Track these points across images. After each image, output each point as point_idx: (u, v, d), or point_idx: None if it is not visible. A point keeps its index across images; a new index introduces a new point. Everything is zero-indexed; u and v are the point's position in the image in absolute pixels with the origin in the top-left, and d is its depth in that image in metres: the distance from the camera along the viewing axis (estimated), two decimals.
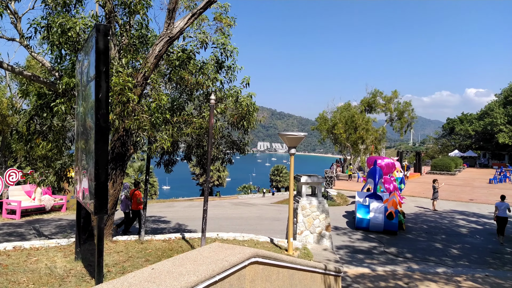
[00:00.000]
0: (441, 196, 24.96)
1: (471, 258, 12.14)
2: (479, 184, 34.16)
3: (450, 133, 67.43)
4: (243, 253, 4.05)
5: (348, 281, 9.47)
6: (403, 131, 43.89)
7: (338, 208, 21.84)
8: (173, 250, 7.60)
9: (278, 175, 77.14)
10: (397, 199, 15.52)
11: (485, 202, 23.50)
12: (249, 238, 9.39)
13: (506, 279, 10.17)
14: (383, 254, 12.18)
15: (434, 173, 42.42)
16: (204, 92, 8.82)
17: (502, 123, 52.63)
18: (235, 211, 23.39)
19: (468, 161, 57.32)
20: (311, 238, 9.94)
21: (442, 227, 16.47)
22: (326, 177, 31.26)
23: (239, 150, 9.91)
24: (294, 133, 8.11)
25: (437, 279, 9.91)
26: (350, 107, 42.62)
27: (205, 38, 8.23)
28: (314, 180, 10.23)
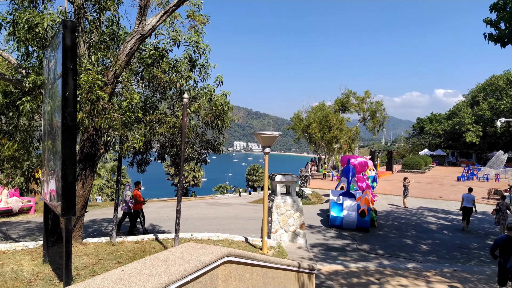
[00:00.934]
0: (412, 194, 25.72)
1: (439, 253, 12.56)
2: (447, 182, 35.39)
3: (420, 132, 69.54)
4: (215, 252, 4.03)
5: (322, 278, 9.60)
6: (375, 131, 44.86)
7: (313, 206, 22.11)
8: (146, 252, 7.48)
9: (254, 175, 77.24)
10: (370, 197, 15.87)
11: (453, 199, 24.37)
12: (224, 237, 9.35)
13: (473, 273, 10.58)
14: (356, 251, 12.42)
15: (405, 172, 43.63)
16: (178, 90, 8.72)
17: (469, 123, 54.74)
18: (210, 211, 23.26)
19: (437, 159, 59.33)
20: (285, 236, 10.01)
21: (412, 224, 16.96)
22: (301, 176, 31.56)
23: (213, 150, 9.85)
24: (268, 132, 8.13)
25: (408, 275, 10.20)
26: (324, 107, 43.19)
27: (178, 35, 8.13)
28: (289, 179, 10.29)
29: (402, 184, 21.60)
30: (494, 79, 56.02)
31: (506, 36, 11.45)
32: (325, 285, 9.12)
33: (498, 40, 11.75)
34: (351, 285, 9.26)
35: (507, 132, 52.34)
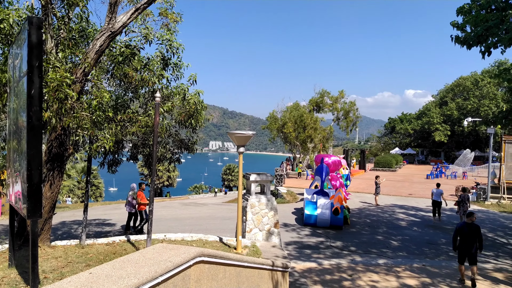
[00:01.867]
0: (383, 192, 26.36)
1: (409, 249, 12.94)
2: (417, 179, 36.49)
3: (392, 131, 71.37)
4: (188, 253, 4.00)
5: (296, 276, 9.70)
6: (349, 130, 45.66)
7: (287, 205, 22.28)
8: (117, 254, 7.33)
9: (230, 174, 77.10)
10: (343, 195, 16.15)
11: (423, 196, 25.17)
12: (198, 238, 9.30)
13: (441, 268, 10.97)
14: (329, 249, 12.61)
15: (377, 170, 44.68)
16: (150, 89, 8.58)
17: (438, 122, 56.62)
18: (185, 212, 23.03)
19: (408, 158, 61.11)
20: (260, 235, 10.05)
21: (384, 221, 17.38)
22: (276, 175, 31.73)
23: (187, 149, 9.76)
24: (242, 132, 8.14)
25: (379, 270, 10.45)
26: (299, 107, 43.59)
27: (150, 33, 8.00)
28: (263, 178, 10.34)
29: (374, 182, 22.10)
30: (462, 80, 58.20)
31: (472, 39, 11.92)
32: (299, 283, 9.23)
33: (464, 42, 12.20)
34: (324, 282, 9.40)
35: (473, 132, 54.52)
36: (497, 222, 18.06)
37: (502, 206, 22.57)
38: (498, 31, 11.24)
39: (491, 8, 11.88)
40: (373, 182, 22.56)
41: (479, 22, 11.66)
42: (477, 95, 53.99)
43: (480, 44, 11.88)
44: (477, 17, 11.71)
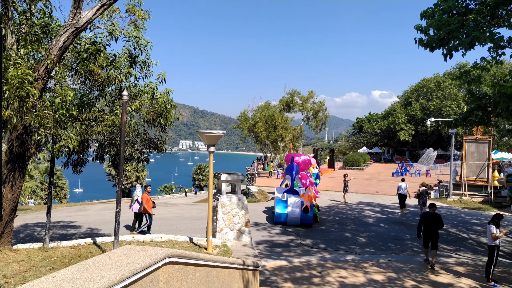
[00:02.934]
0: (351, 190, 26.98)
1: (376, 245, 13.32)
2: (383, 177, 37.62)
3: (359, 131, 73.15)
4: (156, 254, 3.93)
5: (267, 274, 9.77)
6: (318, 129, 46.37)
7: (258, 204, 22.37)
8: (82, 257, 7.10)
9: (201, 174, 76.45)
10: (313, 193, 16.39)
11: (389, 194, 25.98)
12: (167, 238, 9.16)
13: (406, 263, 11.36)
14: (299, 246, 12.77)
15: (346, 168, 45.68)
16: (117, 87, 8.35)
17: (403, 122, 58.57)
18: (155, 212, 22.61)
19: (375, 156, 62.88)
20: (231, 235, 10.03)
21: (352, 218, 17.80)
22: (247, 174, 31.79)
23: (156, 149, 9.58)
24: (213, 131, 8.09)
25: (347, 267, 10.70)
26: (269, 106, 43.85)
27: (116, 30, 7.78)
28: (234, 178, 10.32)
29: (343, 181, 22.57)
30: (425, 82, 60.44)
31: (434, 42, 12.40)
32: (270, 281, 9.30)
33: (427, 45, 12.68)
34: (295, 280, 9.52)
35: (436, 131, 56.75)
36: (458, 218, 18.91)
37: (463, 202, 23.67)
38: (459, 34, 11.76)
39: (453, 13, 12.40)
40: (342, 181, 23.05)
41: (442, 26, 12.14)
42: (439, 96, 56.27)
43: (442, 47, 12.38)
44: (440, 21, 12.19)
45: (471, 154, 26.14)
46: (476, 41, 11.38)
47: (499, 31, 12.47)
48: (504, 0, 11.16)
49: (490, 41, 11.39)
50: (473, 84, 12.36)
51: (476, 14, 11.72)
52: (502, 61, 12.43)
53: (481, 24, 11.90)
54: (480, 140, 25.95)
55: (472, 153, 26.12)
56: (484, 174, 25.53)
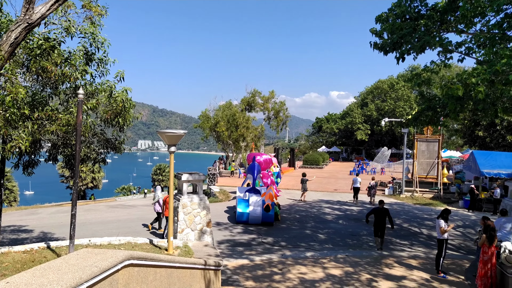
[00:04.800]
0: (311, 188, 27.59)
1: (334, 241, 13.73)
2: (342, 175, 38.76)
3: (319, 131, 74.92)
4: (115, 256, 3.85)
5: (228, 274, 9.79)
6: (279, 129, 46.99)
7: (220, 204, 22.31)
8: (36, 261, 6.77)
9: (161, 174, 74.83)
10: (274, 192, 16.61)
11: (347, 192, 26.80)
12: (126, 241, 8.92)
13: (362, 257, 11.81)
14: (261, 245, 12.91)
15: (306, 167, 46.62)
16: (72, 85, 8.02)
17: (359, 122, 60.71)
18: (112, 214, 21.94)
19: (333, 155, 64.66)
20: (192, 235, 9.96)
21: (312, 216, 18.22)
22: (209, 174, 31.57)
23: (114, 149, 9.30)
24: (173, 130, 7.99)
25: (306, 263, 10.96)
26: (231, 106, 43.81)
27: (72, 26, 7.47)
28: (196, 178, 10.25)
29: (301, 179, 22.84)
30: (380, 83, 63.00)
31: (388, 45, 12.98)
32: (231, 280, 9.33)
33: (381, 48, 13.25)
34: (256, 278, 9.62)
35: (390, 131, 59.31)
36: (410, 213, 19.90)
37: (415, 198, 24.92)
38: (411, 39, 12.38)
39: (406, 18, 13.03)
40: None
41: (395, 30, 12.72)
42: (393, 97, 58.87)
43: (395, 51, 12.97)
44: (393, 26, 12.77)
45: (422, 152, 27.58)
46: (427, 45, 12.05)
47: (448, 36, 13.28)
48: (453, 7, 11.90)
49: (439, 45, 12.11)
50: (423, 86, 13.05)
51: (427, 20, 12.38)
52: (450, 64, 13.24)
53: (432, 29, 12.58)
54: (430, 139, 27.44)
55: (423, 152, 27.56)
56: (434, 172, 27.03)
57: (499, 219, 10.79)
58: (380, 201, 12.94)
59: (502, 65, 8.34)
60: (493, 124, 26.55)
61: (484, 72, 8.75)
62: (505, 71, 8.54)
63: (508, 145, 26.51)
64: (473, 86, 8.75)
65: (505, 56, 8.55)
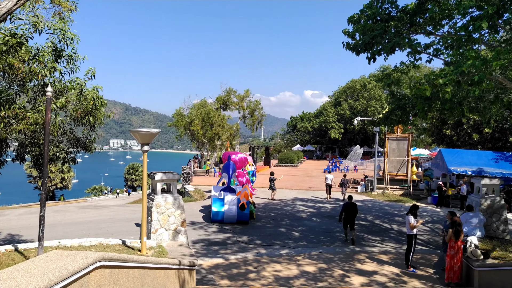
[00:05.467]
0: (286, 186, 27.90)
1: (309, 238, 13.93)
2: (316, 174, 39.29)
3: (294, 129, 75.60)
4: (86, 258, 3.78)
5: (203, 273, 9.76)
6: (254, 128, 47.11)
7: (195, 203, 22.16)
8: (3, 265, 6.52)
9: (133, 174, 73.56)
10: (249, 191, 16.65)
11: (321, 189, 27.21)
12: (98, 242, 8.73)
13: (335, 253, 12.04)
14: (236, 244, 12.92)
15: (281, 166, 46.97)
16: (40, 83, 7.76)
17: (333, 121, 61.70)
18: (82, 215, 21.39)
19: (308, 154, 65.44)
20: (166, 235, 9.85)
21: (286, 214, 18.40)
22: (183, 173, 31.26)
23: (84, 148, 9.06)
24: (146, 129, 7.88)
25: (281, 260, 11.07)
26: (206, 104, 43.55)
27: (40, 22, 7.21)
28: (170, 177, 10.13)
29: (269, 178, 22.74)
30: (353, 83, 64.23)
31: (360, 46, 13.25)
32: (206, 279, 9.31)
33: (353, 49, 13.50)
34: (231, 276, 9.63)
35: (362, 129, 60.60)
36: (381, 210, 20.44)
37: (386, 195, 25.61)
38: (381, 40, 12.68)
39: (377, 19, 13.33)
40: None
41: (366, 31, 13.00)
42: (365, 96, 60.17)
43: (367, 51, 13.25)
44: (365, 27, 13.05)
45: (392, 150, 28.36)
46: (397, 46, 12.38)
47: (417, 38, 13.69)
48: (421, 9, 12.28)
49: (408, 46, 12.46)
50: (393, 86, 13.42)
51: (397, 21, 12.73)
52: (419, 65, 13.67)
53: (401, 30, 12.93)
54: (400, 138, 28.25)
55: (393, 150, 28.35)
56: (404, 169, 27.86)
57: (466, 214, 11.25)
58: (349, 196, 14.06)
59: (468, 66, 8.70)
60: (460, 123, 27.61)
61: (451, 73, 9.09)
62: (471, 72, 8.91)
63: (474, 143, 27.64)
64: (440, 86, 9.07)
65: (471, 58, 8.91)
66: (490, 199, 12.05)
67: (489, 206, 11.98)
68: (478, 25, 8.95)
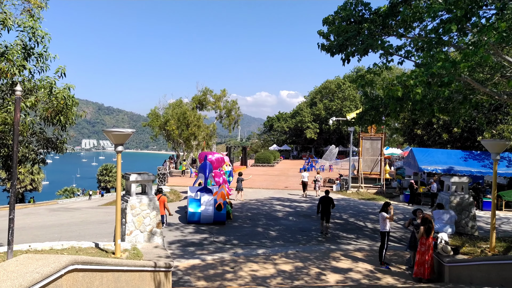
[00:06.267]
0: (262, 185, 28.02)
1: (285, 237, 14.03)
2: (292, 173, 39.61)
3: (270, 129, 75.96)
4: (58, 262, 3.68)
5: (179, 274, 9.67)
6: (231, 128, 46.99)
7: (171, 204, 21.85)
8: None
9: (107, 175, 71.89)
10: (226, 191, 16.61)
11: (297, 188, 27.50)
12: (70, 245, 8.50)
13: (311, 252, 12.18)
14: (213, 244, 12.87)
15: (258, 166, 47.09)
16: (9, 81, 7.47)
17: (309, 121, 62.39)
18: (53, 218, 20.73)
19: (284, 153, 65.91)
20: (141, 237, 9.70)
21: (263, 213, 18.47)
22: (159, 174, 30.83)
23: (55, 149, 8.79)
24: (120, 129, 7.74)
25: (258, 260, 11.11)
26: (182, 104, 43.11)
27: (8, 18, 6.94)
28: (145, 178, 9.99)
29: (237, 179, 22.39)
30: (328, 83, 65.14)
31: (334, 47, 13.44)
32: (183, 281, 9.23)
33: (328, 50, 13.68)
34: (208, 277, 9.59)
35: (337, 129, 61.55)
36: (356, 208, 20.84)
37: (361, 194, 26.13)
38: (355, 41, 12.91)
39: (351, 21, 13.56)
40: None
41: (341, 32, 13.20)
42: (340, 97, 61.15)
43: (341, 52, 13.46)
44: (339, 28, 13.25)
45: (366, 150, 28.96)
46: (370, 48, 12.63)
47: (389, 40, 14.02)
48: (394, 12, 12.59)
49: (381, 48, 12.74)
50: (367, 87, 13.69)
51: (370, 23, 12.99)
52: (391, 67, 14.01)
53: (374, 32, 13.20)
54: (374, 138, 28.89)
55: (367, 149, 28.95)
56: (378, 168, 28.50)
57: (437, 212, 11.61)
58: (326, 191, 15.13)
59: (438, 68, 8.98)
60: (430, 123, 28.48)
61: (422, 74, 9.37)
62: (441, 74, 9.21)
63: (443, 143, 28.57)
64: (411, 87, 9.33)
65: (441, 60, 9.21)
66: (459, 196, 12.49)
67: (459, 204, 12.43)
68: (448, 27, 9.25)
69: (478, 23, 9.55)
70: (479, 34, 8.96)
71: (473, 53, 8.56)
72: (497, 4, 9.09)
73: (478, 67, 12.83)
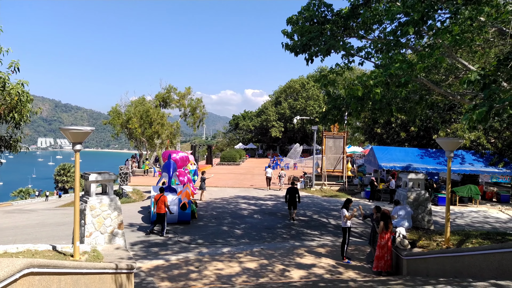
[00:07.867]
0: (228, 184, 27.98)
1: (251, 235, 14.09)
2: (257, 171, 39.80)
3: (236, 128, 75.95)
4: (12, 265, 3.51)
5: (142, 276, 9.48)
6: (196, 126, 46.48)
7: (133, 204, 21.38)
8: None
9: (65, 175, 69.15)
10: (190, 190, 16.42)
11: (262, 187, 27.71)
12: (26, 248, 8.09)
13: (276, 249, 12.32)
14: (177, 244, 12.70)
15: (223, 164, 46.95)
16: None
17: (274, 120, 62.97)
18: (7, 220, 19.67)
19: (250, 152, 66.12)
20: (101, 238, 9.40)
21: (229, 212, 18.45)
22: (120, 173, 30.00)
23: (8, 148, 8.35)
24: (79, 127, 7.45)
25: (223, 259, 11.09)
26: (144, 102, 42.16)
27: None
28: (105, 178, 9.68)
29: (200, 178, 22.12)
30: (292, 83, 66.00)
31: (298, 47, 13.64)
32: (146, 282, 9.05)
33: (292, 49, 13.86)
34: (172, 278, 9.46)
35: (302, 128, 62.51)
36: (319, 205, 21.28)
37: (324, 191, 26.71)
38: (318, 42, 13.16)
39: (314, 22, 13.80)
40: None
41: (304, 33, 13.41)
42: (304, 96, 62.17)
43: (305, 52, 13.68)
44: (303, 28, 13.46)
45: (329, 148, 29.63)
46: (332, 48, 12.93)
47: (350, 41, 14.40)
48: (355, 14, 12.94)
49: (343, 49, 13.07)
50: (329, 86, 14.01)
51: (333, 25, 13.28)
52: (353, 67, 14.41)
53: (336, 33, 13.51)
54: (336, 136, 29.60)
55: (330, 148, 29.62)
56: (340, 166, 29.25)
57: (395, 208, 12.07)
58: (292, 182, 17.57)
59: (396, 69, 9.35)
60: (389, 122, 29.59)
61: (381, 75, 9.72)
62: (398, 75, 9.59)
63: (401, 141, 29.78)
64: (371, 87, 9.66)
65: (398, 61, 9.59)
66: (416, 192, 13.07)
67: (415, 199, 13.00)
68: (405, 30, 9.64)
69: (434, 26, 10.03)
70: (435, 37, 9.40)
71: (429, 55, 8.98)
72: (451, 8, 9.57)
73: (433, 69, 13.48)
